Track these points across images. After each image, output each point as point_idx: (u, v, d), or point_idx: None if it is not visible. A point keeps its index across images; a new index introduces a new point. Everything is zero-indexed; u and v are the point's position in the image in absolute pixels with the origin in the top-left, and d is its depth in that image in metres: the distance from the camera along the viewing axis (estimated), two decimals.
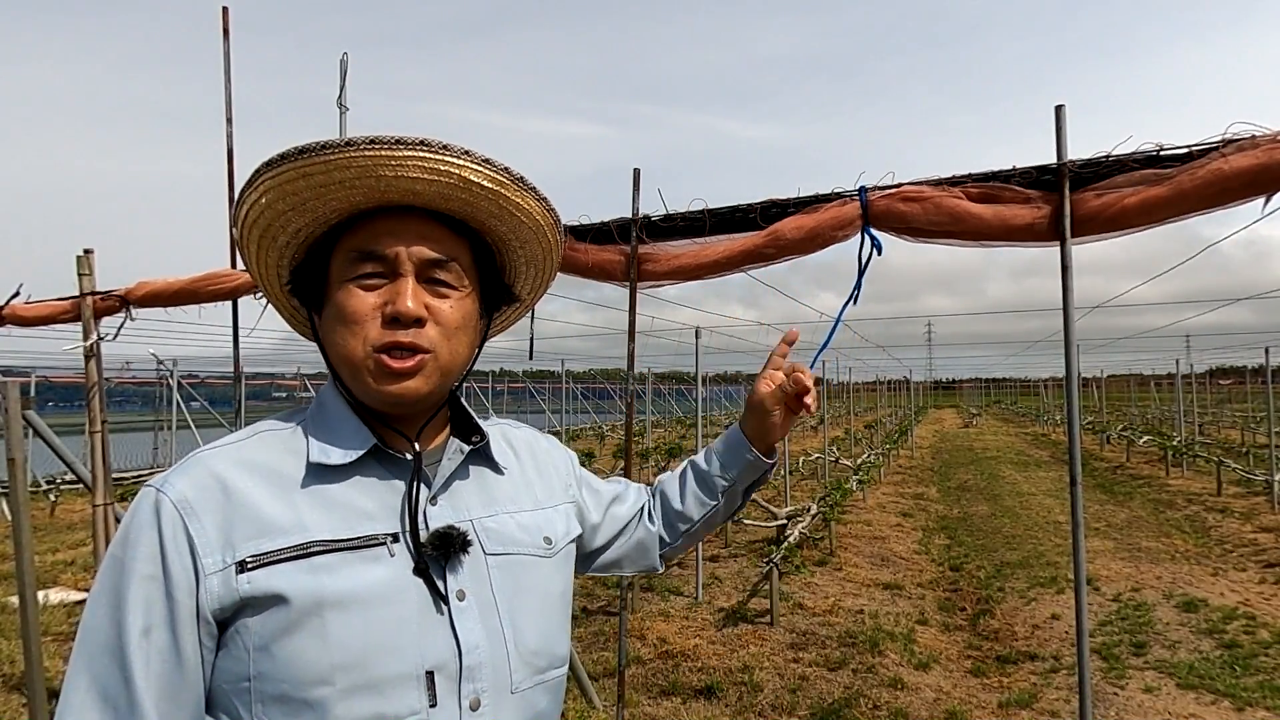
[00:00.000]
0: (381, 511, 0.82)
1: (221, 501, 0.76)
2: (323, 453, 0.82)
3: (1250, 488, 10.40)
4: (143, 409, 23.76)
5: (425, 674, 0.77)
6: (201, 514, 0.75)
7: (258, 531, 0.76)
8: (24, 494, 3.04)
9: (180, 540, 0.74)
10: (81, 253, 3.48)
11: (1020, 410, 40.62)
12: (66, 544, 8.28)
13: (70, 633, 5.34)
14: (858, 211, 2.08)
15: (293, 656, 0.73)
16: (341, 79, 3.66)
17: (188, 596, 0.73)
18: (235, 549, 0.75)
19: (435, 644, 0.78)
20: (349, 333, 0.81)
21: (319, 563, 0.76)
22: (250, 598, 0.74)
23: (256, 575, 0.74)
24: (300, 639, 0.73)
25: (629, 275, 2.55)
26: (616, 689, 3.02)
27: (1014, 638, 5.17)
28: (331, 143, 0.78)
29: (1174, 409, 18.83)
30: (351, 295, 0.81)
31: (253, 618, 0.74)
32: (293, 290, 0.91)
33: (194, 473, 0.78)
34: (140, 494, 0.78)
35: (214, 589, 0.74)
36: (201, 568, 0.74)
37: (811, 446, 17.31)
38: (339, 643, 0.74)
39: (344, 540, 0.78)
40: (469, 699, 0.79)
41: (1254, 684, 4.26)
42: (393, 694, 0.75)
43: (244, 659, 0.74)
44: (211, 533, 0.75)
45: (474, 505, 0.89)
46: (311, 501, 0.79)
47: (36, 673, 3.10)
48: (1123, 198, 1.84)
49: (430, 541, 0.81)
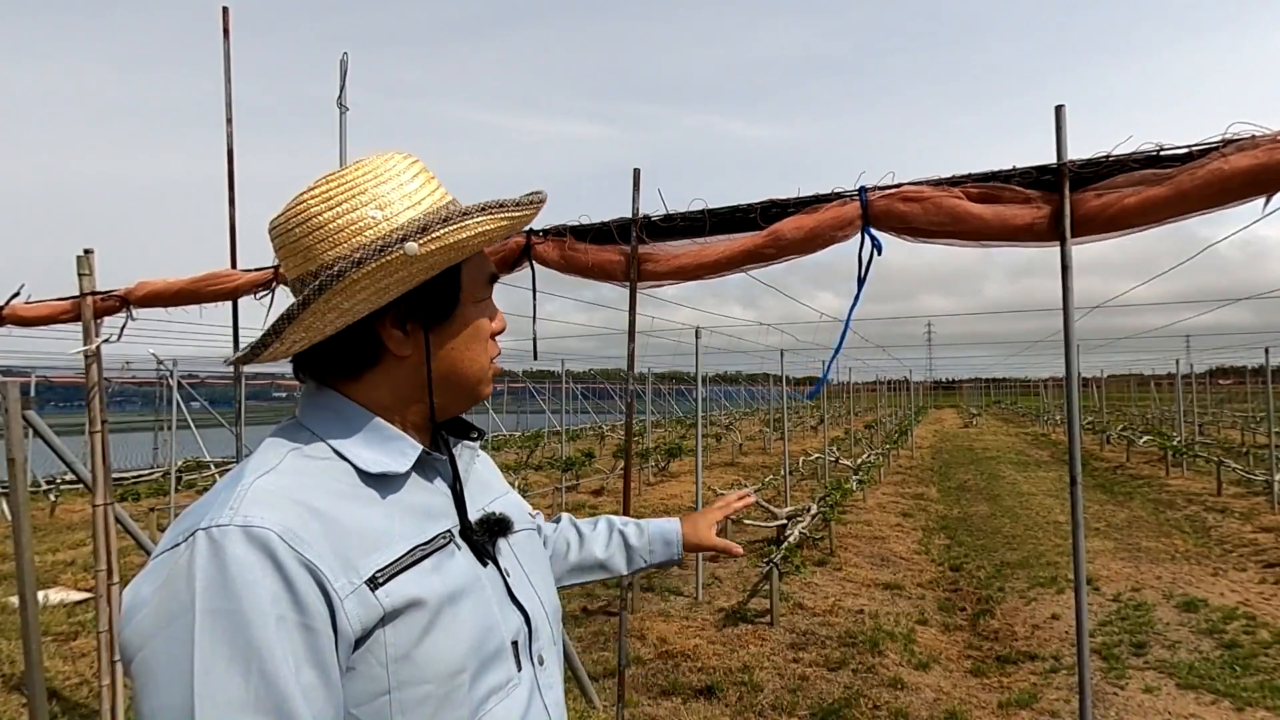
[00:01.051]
0: (435, 511, 0.87)
1: (318, 524, 0.74)
2: (379, 464, 0.83)
3: (1250, 488, 10.41)
4: (143, 409, 23.75)
5: (511, 644, 0.86)
6: (310, 540, 0.72)
7: (369, 547, 0.76)
8: (24, 494, 3.04)
9: (302, 571, 0.70)
10: (81, 253, 3.48)
11: (1020, 410, 40.63)
12: (66, 544, 8.29)
13: (70, 633, 5.33)
14: (858, 211, 2.08)
15: (434, 655, 0.77)
16: (342, 79, 3.66)
17: (326, 625, 0.70)
18: (357, 568, 0.74)
19: (510, 617, 0.88)
20: (481, 349, 0.92)
21: (427, 566, 0.81)
22: (391, 610, 0.75)
23: (391, 588, 0.76)
24: (436, 637, 0.78)
25: (629, 275, 2.55)
26: (616, 689, 3.02)
27: (1014, 638, 5.17)
28: (536, 196, 0.91)
29: (1174, 409, 18.83)
30: (482, 314, 0.93)
31: (388, 629, 0.75)
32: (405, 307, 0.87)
33: (274, 501, 0.73)
34: (211, 538, 0.69)
35: (353, 611, 0.72)
36: (334, 593, 0.71)
37: (811, 446, 17.31)
38: (465, 632, 0.80)
39: (430, 541, 0.83)
40: (537, 656, 0.91)
41: (1254, 684, 4.26)
42: (499, 667, 0.84)
43: (380, 674, 0.74)
44: (329, 557, 0.72)
45: (480, 495, 0.97)
46: (389, 512, 0.82)
47: (36, 673, 3.10)
48: (1123, 198, 1.84)
49: (482, 529, 0.91)
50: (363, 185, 0.84)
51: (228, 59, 3.45)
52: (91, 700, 4.14)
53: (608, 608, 5.71)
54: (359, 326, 0.84)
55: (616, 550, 1.30)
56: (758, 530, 7.87)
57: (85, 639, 5.16)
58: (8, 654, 4.84)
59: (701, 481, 6.65)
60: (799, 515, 7.36)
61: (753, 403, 42.01)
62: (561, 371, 14.46)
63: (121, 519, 3.48)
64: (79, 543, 8.29)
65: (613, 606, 5.71)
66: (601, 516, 1.35)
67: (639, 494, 11.54)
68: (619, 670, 2.97)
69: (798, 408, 32.18)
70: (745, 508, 1.45)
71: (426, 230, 0.81)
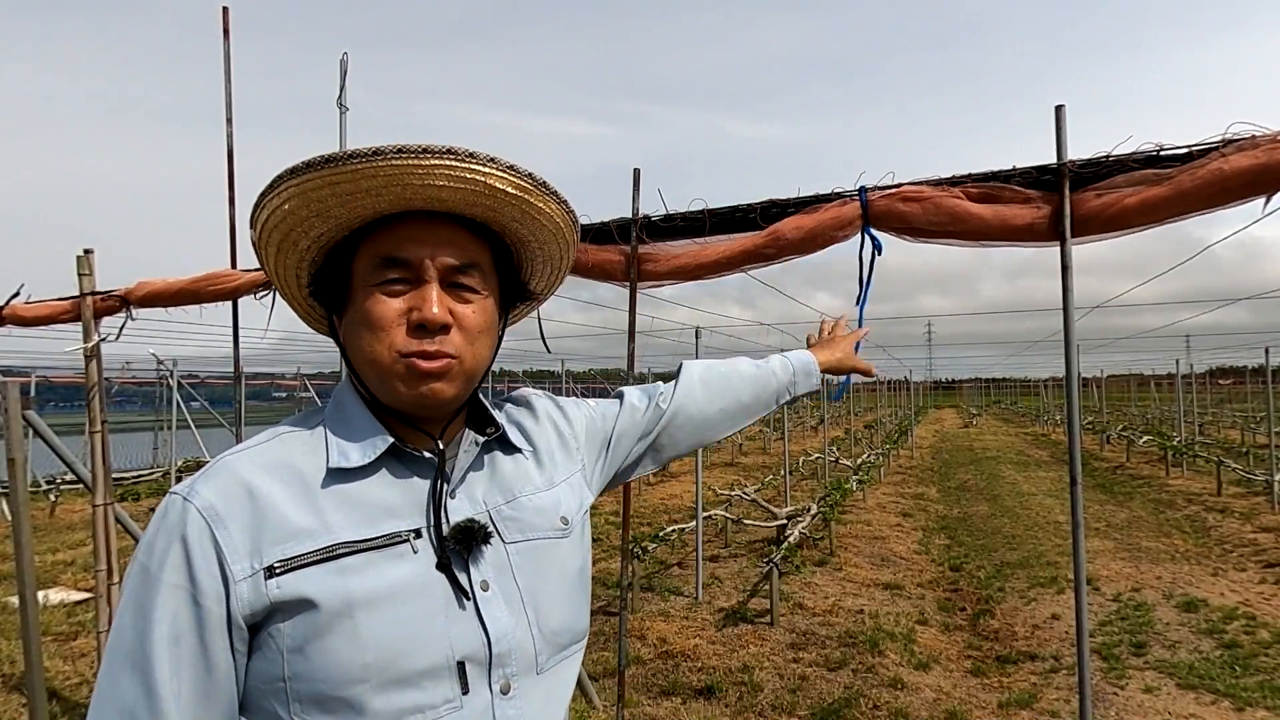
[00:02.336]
0: (403, 508, 0.83)
1: (248, 507, 0.76)
2: (342, 455, 0.83)
3: (1250, 488, 10.40)
4: (143, 409, 23.75)
5: (456, 664, 0.79)
6: (228, 521, 0.75)
7: (283, 536, 0.76)
8: (24, 494, 3.04)
9: (207, 549, 0.74)
10: (81, 253, 3.48)
11: (1020, 410, 40.62)
12: (66, 544, 8.28)
13: (70, 633, 5.34)
14: (858, 211, 2.08)
15: (326, 657, 0.74)
16: (341, 79, 3.66)
17: (217, 604, 0.73)
18: (262, 555, 0.75)
19: (464, 635, 0.80)
20: (375, 339, 0.82)
21: (346, 564, 0.77)
22: (280, 602, 0.74)
23: (285, 580, 0.75)
24: (332, 640, 0.74)
25: (629, 275, 2.55)
26: (616, 689, 3.02)
27: (1014, 638, 5.17)
28: (359, 151, 0.78)
29: (1174, 409, 18.83)
30: (377, 301, 0.82)
31: (284, 622, 0.75)
32: (313, 293, 0.91)
33: (219, 479, 0.78)
34: (165, 501, 0.77)
35: (244, 595, 0.74)
36: (230, 575, 0.74)
37: (811, 446, 17.30)
38: (371, 641, 0.75)
39: (368, 540, 0.79)
40: (499, 684, 0.82)
41: (1254, 684, 4.26)
42: (427, 686, 0.77)
43: (278, 661, 0.75)
44: (238, 540, 0.75)
45: (490, 494, 0.90)
46: (334, 503, 0.80)
47: (36, 673, 3.10)
48: (1123, 198, 1.84)
49: (452, 536, 0.83)
50: None
51: (228, 59, 3.45)
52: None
53: (608, 608, 5.71)
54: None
55: (763, 390, 1.27)
56: (758, 530, 7.87)
57: (85, 639, 5.16)
58: (8, 654, 4.84)
59: (702, 481, 6.65)
60: (799, 515, 7.36)
61: None
62: (561, 371, 14.47)
63: (121, 519, 3.48)
64: (79, 543, 8.28)
65: (613, 606, 5.71)
66: (741, 358, 1.30)
67: (639, 494, 11.54)
68: (619, 670, 2.97)
69: (798, 408, 32.22)
70: (858, 337, 1.50)
71: (253, 212, 0.85)
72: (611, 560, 7.14)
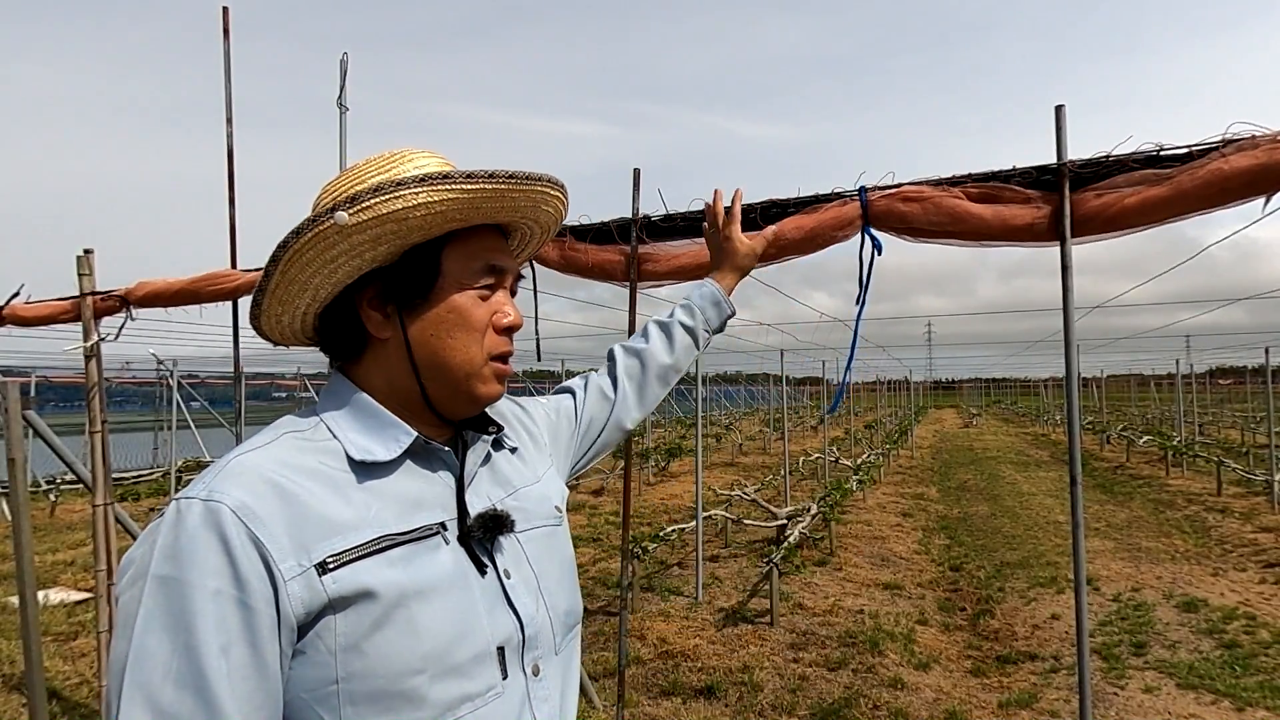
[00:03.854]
0: (428, 501, 0.84)
1: (282, 504, 0.74)
2: (364, 450, 0.82)
3: (1250, 488, 10.41)
4: (143, 409, 23.74)
5: (497, 650, 0.81)
6: (267, 520, 0.72)
7: (328, 531, 0.75)
8: (24, 494, 3.04)
9: (249, 549, 0.70)
10: (81, 253, 3.48)
11: (1020, 410, 40.61)
12: (66, 544, 8.29)
13: (70, 633, 5.33)
14: (858, 211, 2.08)
15: (386, 651, 0.73)
16: (341, 79, 3.66)
17: (266, 605, 0.70)
18: (309, 551, 0.73)
19: (500, 621, 0.83)
20: (470, 339, 0.87)
21: (394, 555, 0.77)
22: (337, 598, 0.73)
23: (340, 574, 0.73)
24: (391, 632, 0.74)
25: (629, 275, 2.55)
26: (616, 689, 3.01)
27: (1014, 638, 5.17)
28: (533, 174, 0.88)
29: (1174, 409, 18.83)
30: (477, 304, 0.88)
31: (337, 616, 0.73)
32: (351, 287, 0.87)
33: (243, 478, 0.74)
34: (178, 508, 0.72)
35: (296, 593, 0.72)
36: (279, 574, 0.71)
37: (811, 446, 17.31)
38: (426, 631, 0.76)
39: (408, 532, 0.80)
40: (530, 666, 0.86)
41: (1254, 684, 4.26)
42: (475, 673, 0.79)
43: (328, 663, 0.73)
44: (282, 538, 0.72)
45: (494, 489, 0.93)
46: (367, 497, 0.80)
47: (36, 673, 3.10)
48: (1123, 198, 1.84)
49: (479, 525, 0.85)
50: (369, 171, 0.88)
51: (228, 59, 3.45)
52: (91, 700, 4.14)
53: (608, 608, 5.71)
54: (341, 307, 0.87)
55: (680, 346, 1.33)
56: (758, 530, 7.87)
57: (85, 639, 5.16)
58: (8, 654, 4.84)
59: (702, 481, 6.65)
60: (799, 515, 7.36)
61: (753, 403, 42.00)
62: (561, 372, 14.47)
63: (121, 519, 3.48)
64: (79, 543, 8.29)
65: (613, 606, 5.71)
66: (649, 322, 1.36)
67: (639, 494, 11.54)
68: (619, 670, 2.97)
69: (798, 408, 32.19)
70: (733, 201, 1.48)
71: (356, 200, 0.80)
72: (611, 560, 7.14)
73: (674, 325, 1.34)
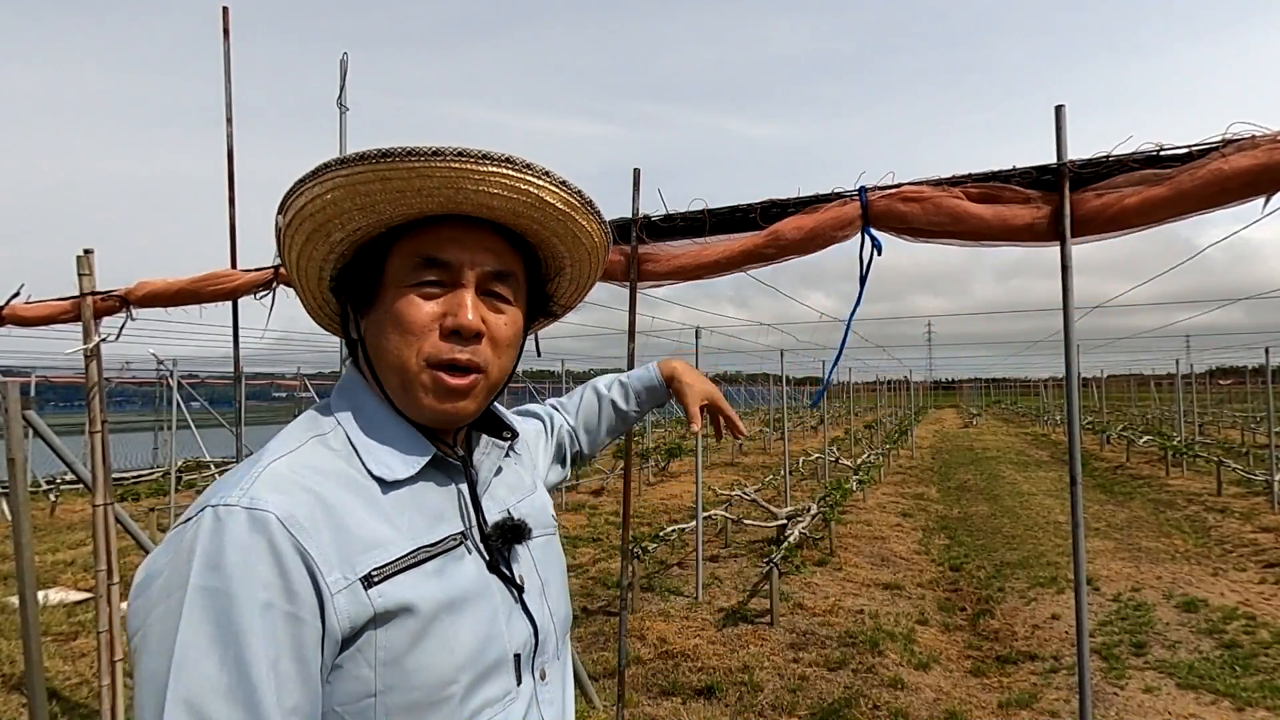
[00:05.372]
0: (447, 513, 0.83)
1: (324, 516, 0.72)
2: (383, 465, 0.79)
3: (1250, 488, 10.40)
4: (143, 409, 23.74)
5: (513, 657, 0.82)
6: (313, 530, 0.70)
7: (370, 544, 0.74)
8: (24, 494, 3.04)
9: (297, 561, 0.68)
10: (81, 253, 3.48)
11: (1020, 410, 40.62)
12: (66, 544, 8.29)
13: (70, 633, 5.33)
14: (858, 211, 2.08)
15: (425, 664, 0.73)
16: (341, 79, 3.66)
17: (314, 618, 0.69)
18: (354, 564, 0.72)
19: (518, 628, 0.84)
20: (404, 342, 0.80)
21: (429, 569, 0.77)
22: (382, 612, 0.72)
23: (385, 589, 0.73)
24: (430, 644, 0.74)
25: (629, 275, 2.55)
26: (616, 689, 3.01)
27: (1014, 638, 5.17)
28: (417, 150, 0.76)
29: (1174, 409, 18.83)
30: (411, 303, 0.80)
31: (379, 630, 0.72)
32: (335, 288, 0.89)
33: (285, 486, 0.72)
34: (218, 515, 0.68)
35: (343, 607, 0.70)
36: (326, 587, 0.70)
37: (811, 446, 17.31)
38: (459, 643, 0.76)
39: (436, 544, 0.79)
40: (539, 671, 0.87)
41: (1254, 684, 4.26)
42: (496, 680, 0.80)
43: (367, 676, 0.72)
44: (329, 549, 0.71)
45: (506, 496, 0.93)
46: (397, 509, 0.78)
47: (36, 673, 3.10)
48: (1123, 198, 1.84)
49: (498, 535, 0.85)
50: None
51: (228, 59, 3.45)
52: (91, 700, 4.14)
53: (608, 608, 5.71)
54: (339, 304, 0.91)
55: (606, 423, 1.31)
56: (758, 530, 7.87)
57: (85, 639, 5.16)
58: (8, 654, 4.84)
59: (701, 481, 6.65)
60: (799, 515, 7.36)
61: (753, 403, 42.01)
62: (561, 371, 14.45)
63: (121, 519, 3.48)
64: (79, 543, 8.28)
65: (613, 606, 5.71)
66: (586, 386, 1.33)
67: (639, 494, 11.54)
68: (619, 670, 2.97)
69: (798, 408, 32.19)
70: (731, 424, 1.31)
71: (286, 198, 0.82)
72: (611, 560, 7.14)
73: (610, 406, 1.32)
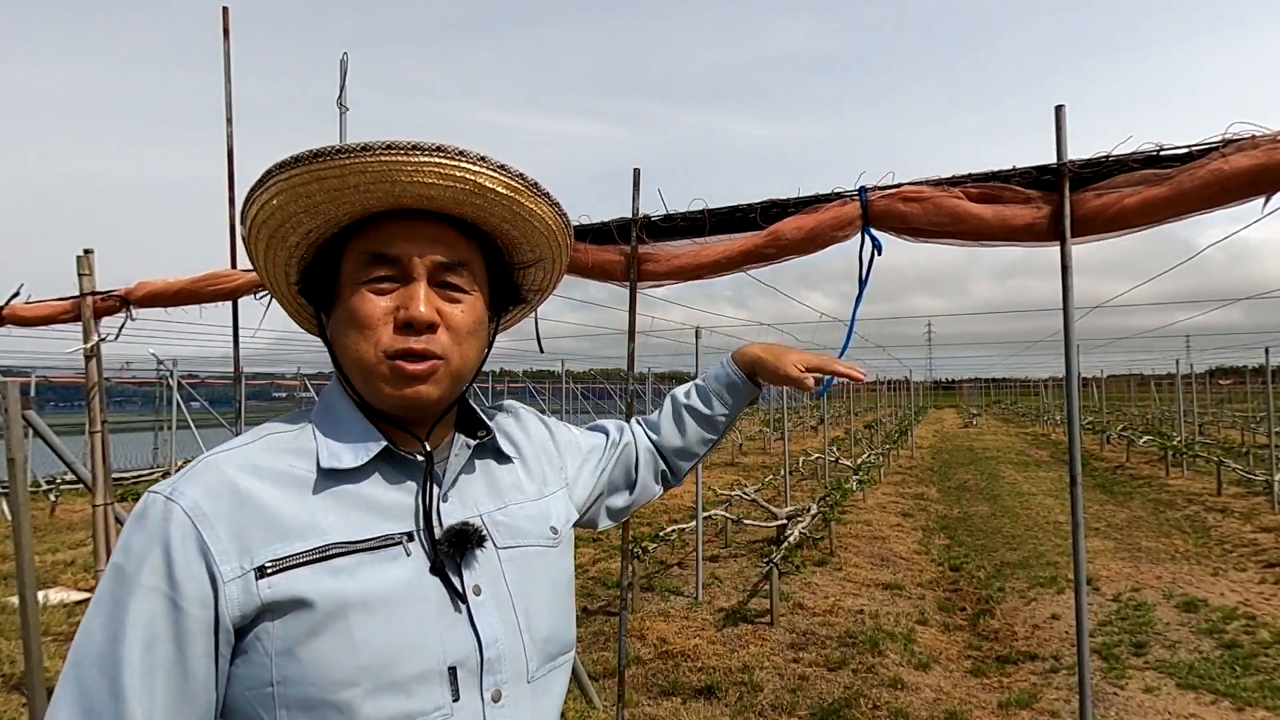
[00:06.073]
0: (395, 511, 0.82)
1: (234, 507, 0.75)
2: (333, 456, 0.81)
3: (1250, 488, 10.40)
4: (143, 409, 23.75)
5: (448, 670, 0.78)
6: (215, 521, 0.74)
7: (274, 536, 0.75)
8: (24, 494, 3.04)
9: (192, 550, 0.72)
10: (81, 253, 3.48)
11: (1020, 410, 40.62)
12: (66, 544, 8.28)
13: (70, 633, 5.34)
14: (858, 211, 2.08)
15: (318, 660, 0.73)
16: (341, 79, 3.67)
17: (200, 608, 0.71)
18: (252, 555, 0.74)
19: (456, 640, 0.79)
20: (361, 337, 0.81)
21: (339, 565, 0.76)
22: (271, 603, 0.73)
23: (277, 580, 0.73)
24: (325, 642, 0.73)
25: (629, 275, 2.55)
26: (616, 689, 3.01)
27: (1014, 638, 5.17)
28: (347, 147, 0.77)
29: (1174, 409, 18.83)
30: (364, 299, 0.82)
31: (274, 622, 0.73)
32: (302, 290, 0.91)
33: (204, 479, 0.76)
34: (145, 501, 0.75)
35: (234, 596, 0.72)
36: (219, 576, 0.72)
37: (811, 446, 17.30)
38: (364, 644, 0.74)
39: (361, 541, 0.78)
40: (490, 691, 0.81)
41: (1254, 684, 4.26)
42: (418, 692, 0.76)
43: (266, 664, 0.73)
44: (226, 540, 0.73)
45: (482, 499, 0.90)
46: (326, 504, 0.79)
47: (36, 673, 3.10)
48: (1123, 198, 1.84)
49: (446, 539, 0.82)
50: None
51: (228, 59, 3.45)
52: None
53: (608, 608, 5.71)
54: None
55: (693, 433, 1.22)
56: (758, 530, 7.87)
57: None
58: (8, 654, 4.84)
59: (701, 481, 6.66)
60: (799, 515, 7.36)
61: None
62: (561, 371, 14.46)
63: (121, 519, 3.48)
64: (79, 543, 8.28)
65: (613, 606, 5.71)
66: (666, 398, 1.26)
67: None
68: (619, 670, 2.97)
69: (798, 408, 32.18)
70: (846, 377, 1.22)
71: (244, 207, 0.84)
72: (611, 560, 7.14)
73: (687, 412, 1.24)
